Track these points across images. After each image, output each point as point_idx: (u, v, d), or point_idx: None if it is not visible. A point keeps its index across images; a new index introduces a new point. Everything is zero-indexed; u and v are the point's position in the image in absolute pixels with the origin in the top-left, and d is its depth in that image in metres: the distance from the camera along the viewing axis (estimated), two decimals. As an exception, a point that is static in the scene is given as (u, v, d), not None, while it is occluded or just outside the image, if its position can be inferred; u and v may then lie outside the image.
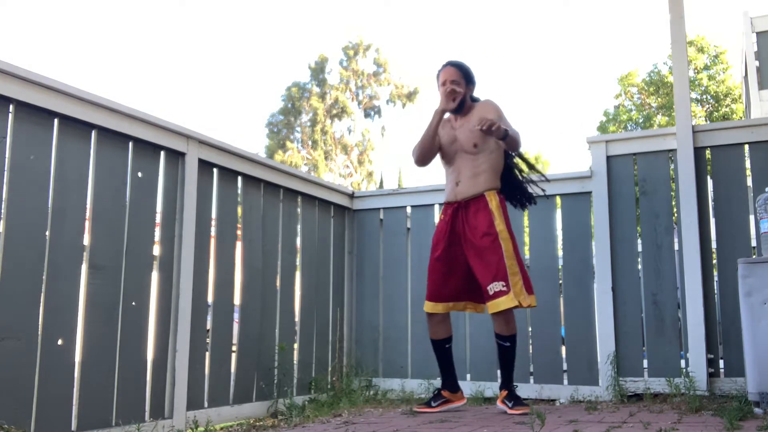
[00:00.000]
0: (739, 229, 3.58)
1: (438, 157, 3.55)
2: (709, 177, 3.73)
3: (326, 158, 34.89)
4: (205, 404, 3.20)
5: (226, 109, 48.91)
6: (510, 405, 3.19)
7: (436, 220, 3.94)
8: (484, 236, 3.24)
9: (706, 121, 21.25)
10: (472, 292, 3.41)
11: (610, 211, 3.83)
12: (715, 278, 3.62)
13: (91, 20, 44.93)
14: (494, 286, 3.17)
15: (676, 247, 3.70)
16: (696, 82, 22.16)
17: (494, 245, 3.21)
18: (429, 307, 3.43)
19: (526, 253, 4.16)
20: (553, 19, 54.15)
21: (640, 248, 3.80)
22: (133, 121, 2.89)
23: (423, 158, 3.47)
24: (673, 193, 3.77)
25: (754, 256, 3.30)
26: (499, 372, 3.96)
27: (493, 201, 3.30)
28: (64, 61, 43.18)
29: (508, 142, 3.31)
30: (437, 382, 4.03)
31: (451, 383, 3.49)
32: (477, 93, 3.57)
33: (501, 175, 3.45)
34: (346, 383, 4.08)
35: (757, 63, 10.13)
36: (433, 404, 3.41)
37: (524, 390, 3.88)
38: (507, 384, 3.31)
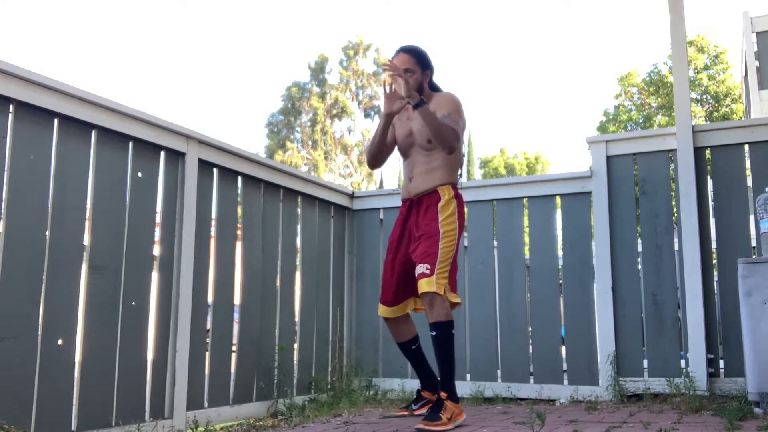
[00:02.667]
0: (739, 229, 3.58)
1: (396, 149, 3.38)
2: (709, 177, 3.73)
3: (326, 158, 34.90)
4: (205, 404, 3.19)
5: (226, 109, 48.93)
6: (425, 417, 2.85)
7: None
8: (425, 226, 3.07)
9: (706, 121, 21.25)
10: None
11: (610, 211, 3.83)
12: (715, 278, 3.62)
13: (91, 20, 44.93)
14: (420, 268, 2.99)
15: (676, 247, 3.70)
16: (696, 82, 22.17)
17: (432, 234, 3.03)
18: (381, 310, 3.28)
19: (526, 253, 4.16)
20: (554, 19, 54.14)
21: (640, 248, 3.80)
22: (133, 121, 2.89)
23: (373, 161, 3.34)
24: (673, 193, 3.77)
25: (754, 256, 3.30)
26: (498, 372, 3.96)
27: (445, 196, 3.08)
28: (64, 61, 43.17)
29: (428, 120, 2.98)
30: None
31: (429, 383, 3.31)
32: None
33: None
34: (346, 383, 4.08)
35: (757, 63, 10.13)
36: (413, 407, 3.28)
37: (524, 390, 3.89)
38: (442, 385, 2.97)
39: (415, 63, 3.17)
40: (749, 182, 3.64)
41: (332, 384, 4.11)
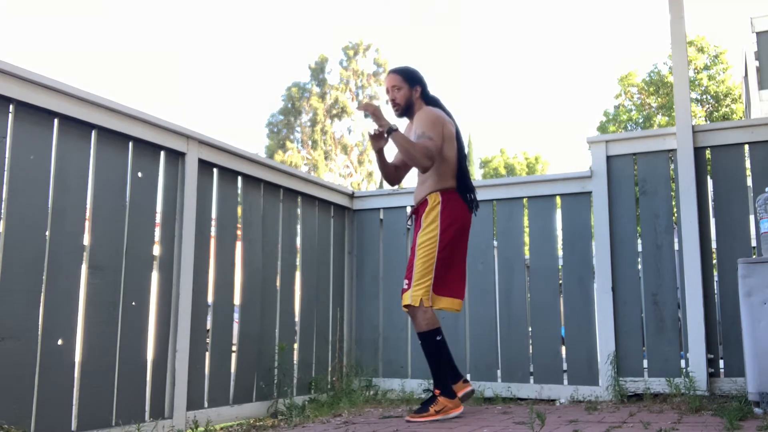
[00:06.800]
0: (739, 229, 3.58)
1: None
2: (709, 177, 3.73)
3: (326, 158, 34.91)
4: (205, 404, 3.20)
5: (226, 109, 48.94)
6: (415, 410, 3.15)
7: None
8: (417, 238, 3.29)
9: (706, 121, 21.26)
10: None
11: (610, 211, 3.83)
12: (715, 278, 3.62)
13: (90, 20, 44.93)
14: (404, 282, 3.28)
15: (676, 247, 3.70)
16: (696, 82, 22.18)
17: (414, 246, 3.28)
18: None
19: (526, 253, 4.16)
20: (554, 19, 54.17)
21: (640, 248, 3.80)
22: (133, 121, 2.89)
23: (390, 182, 3.60)
24: (673, 193, 3.77)
25: (754, 256, 3.30)
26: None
27: (432, 202, 3.29)
28: (64, 61, 43.18)
29: (398, 144, 3.24)
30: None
31: (452, 375, 3.37)
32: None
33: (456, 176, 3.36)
34: (346, 383, 4.08)
35: (757, 63, 10.15)
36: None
37: (524, 390, 3.89)
38: (435, 383, 3.19)
39: (402, 80, 3.44)
40: (749, 182, 3.64)
41: (332, 384, 4.11)
